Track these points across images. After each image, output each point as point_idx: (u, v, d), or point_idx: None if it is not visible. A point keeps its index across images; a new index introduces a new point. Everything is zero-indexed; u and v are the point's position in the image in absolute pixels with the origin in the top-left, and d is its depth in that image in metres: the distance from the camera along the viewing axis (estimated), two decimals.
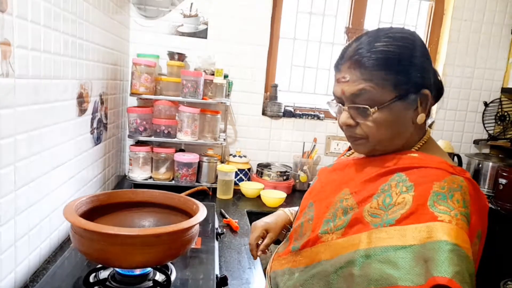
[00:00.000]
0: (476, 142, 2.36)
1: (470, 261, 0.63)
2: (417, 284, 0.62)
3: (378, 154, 0.83)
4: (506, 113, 2.30)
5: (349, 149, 1.02)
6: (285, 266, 0.88)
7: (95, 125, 1.46)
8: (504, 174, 1.98)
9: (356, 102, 0.77)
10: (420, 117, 0.78)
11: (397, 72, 0.74)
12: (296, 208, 1.07)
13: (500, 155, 2.28)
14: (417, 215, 0.68)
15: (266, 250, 1.05)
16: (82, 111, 1.30)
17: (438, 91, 0.83)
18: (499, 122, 2.32)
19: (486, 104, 2.33)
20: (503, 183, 1.98)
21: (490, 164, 2.14)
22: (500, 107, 2.31)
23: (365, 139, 0.80)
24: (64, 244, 1.21)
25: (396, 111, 0.76)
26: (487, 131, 2.35)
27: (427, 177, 0.73)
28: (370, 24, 2.25)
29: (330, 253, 0.76)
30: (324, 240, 0.79)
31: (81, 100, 1.29)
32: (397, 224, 0.69)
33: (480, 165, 2.17)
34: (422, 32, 2.33)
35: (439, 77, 0.84)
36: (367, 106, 0.75)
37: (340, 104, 0.81)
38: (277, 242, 1.09)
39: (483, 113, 2.34)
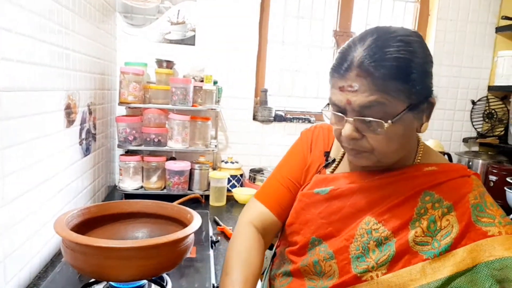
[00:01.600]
0: (465, 140, 2.39)
1: None
2: None
3: (381, 165, 0.77)
4: (493, 111, 2.33)
5: (327, 160, 0.90)
6: None
7: (83, 136, 1.44)
8: (494, 171, 2.00)
9: (366, 114, 0.68)
10: (425, 126, 0.74)
11: (412, 81, 0.67)
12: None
13: (489, 152, 2.31)
14: (468, 235, 0.69)
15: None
16: (70, 122, 1.28)
17: None
18: (487, 120, 2.35)
19: (473, 103, 2.36)
20: (493, 180, 2.00)
21: (480, 161, 2.16)
22: (487, 105, 2.34)
23: (370, 152, 0.73)
24: (55, 259, 1.18)
25: (406, 122, 0.70)
26: (475, 129, 2.38)
27: (459, 191, 0.73)
28: (357, 26, 2.27)
29: None
30: (367, 279, 0.72)
31: (69, 111, 1.26)
32: (453, 249, 0.68)
33: (470, 163, 2.19)
34: None
35: None
36: (381, 121, 0.67)
37: (341, 114, 0.72)
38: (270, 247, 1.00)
39: (471, 111, 2.37)
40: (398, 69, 0.65)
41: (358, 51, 0.68)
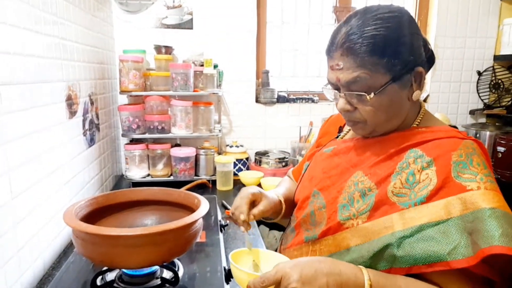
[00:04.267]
0: (472, 112, 2.36)
1: (510, 217, 0.65)
2: (466, 256, 0.63)
3: (378, 134, 0.85)
4: (500, 81, 2.29)
5: (339, 131, 1.03)
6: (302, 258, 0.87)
7: (87, 126, 1.43)
8: (502, 142, 1.98)
9: (352, 89, 0.77)
10: (416, 94, 0.80)
11: (389, 55, 0.74)
12: (281, 190, 1.06)
13: (496, 123, 2.28)
14: (446, 189, 0.70)
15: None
16: (72, 114, 1.28)
17: (430, 61, 0.84)
18: (493, 90, 2.31)
19: (479, 73, 2.31)
20: (501, 151, 1.98)
21: (488, 133, 2.13)
22: (493, 75, 2.30)
23: (364, 122, 0.81)
24: (67, 249, 1.20)
25: (392, 93, 0.77)
26: (482, 100, 2.35)
27: (442, 149, 0.74)
28: (358, 1, 2.22)
29: (360, 239, 0.76)
30: (348, 226, 0.79)
31: (70, 102, 1.26)
32: (428, 201, 0.70)
33: (478, 135, 2.16)
34: (411, 6, 2.30)
35: (429, 46, 0.84)
36: (364, 93, 0.76)
37: (336, 91, 0.82)
38: (272, 226, 1.07)
39: (477, 83, 2.33)
40: (374, 46, 0.73)
41: (342, 32, 0.77)
